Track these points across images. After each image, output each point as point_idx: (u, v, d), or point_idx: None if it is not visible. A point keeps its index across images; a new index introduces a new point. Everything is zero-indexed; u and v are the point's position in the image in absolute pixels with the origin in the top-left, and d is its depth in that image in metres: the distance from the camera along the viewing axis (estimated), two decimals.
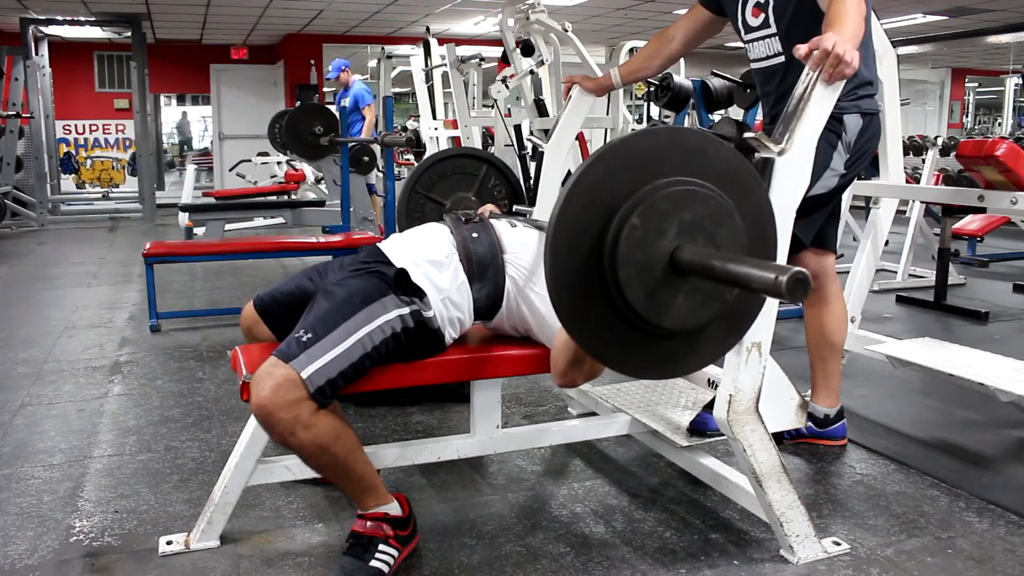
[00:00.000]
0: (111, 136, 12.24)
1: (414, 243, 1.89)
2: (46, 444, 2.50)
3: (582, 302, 1.29)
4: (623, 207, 1.26)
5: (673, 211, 1.28)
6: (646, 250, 1.26)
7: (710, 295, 1.34)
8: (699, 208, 1.30)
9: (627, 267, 1.26)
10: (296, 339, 1.63)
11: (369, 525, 1.72)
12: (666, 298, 1.30)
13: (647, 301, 1.28)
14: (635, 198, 1.26)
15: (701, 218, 1.30)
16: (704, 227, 1.30)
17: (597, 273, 1.28)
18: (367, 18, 10.05)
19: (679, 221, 1.28)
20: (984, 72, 16.48)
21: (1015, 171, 2.78)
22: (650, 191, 1.27)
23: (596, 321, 1.31)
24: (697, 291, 1.32)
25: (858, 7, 1.76)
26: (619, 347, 1.35)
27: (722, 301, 1.35)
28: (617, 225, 1.26)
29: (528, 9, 4.50)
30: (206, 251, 4.47)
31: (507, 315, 1.88)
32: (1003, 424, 2.67)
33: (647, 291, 1.28)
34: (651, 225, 1.26)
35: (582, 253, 1.27)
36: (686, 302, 1.31)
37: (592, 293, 1.29)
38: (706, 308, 1.34)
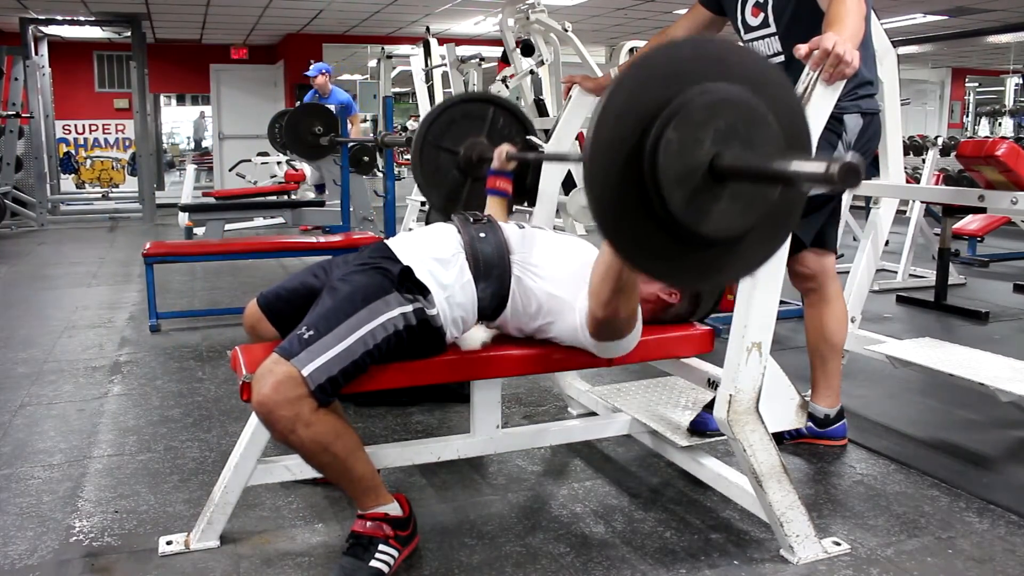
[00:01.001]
0: (111, 136, 12.24)
1: (421, 241, 1.89)
2: (46, 444, 2.50)
3: (626, 219, 1.28)
4: (657, 121, 1.25)
5: (708, 120, 1.27)
6: (685, 161, 1.25)
7: (752, 200, 1.32)
8: (733, 114, 1.28)
9: (668, 180, 1.24)
10: (298, 336, 1.63)
11: (369, 525, 1.72)
12: (708, 206, 1.28)
13: (690, 211, 1.27)
14: (668, 111, 1.25)
15: (736, 124, 1.28)
16: (739, 132, 1.28)
17: (637, 189, 1.27)
18: (367, 18, 10.05)
19: (714, 129, 1.27)
20: (984, 72, 16.48)
21: (1015, 171, 2.78)
22: (681, 102, 1.26)
23: (641, 236, 1.30)
24: (738, 197, 1.30)
25: (858, 7, 1.76)
26: (664, 259, 1.34)
27: (765, 203, 1.34)
28: (653, 140, 1.25)
29: (528, 9, 4.51)
30: (206, 251, 4.47)
31: (512, 315, 1.88)
32: (1003, 424, 2.67)
33: (689, 202, 1.27)
34: (687, 136, 1.25)
35: (620, 172, 1.26)
36: (728, 208, 1.30)
37: (635, 209, 1.28)
38: (749, 213, 1.33)
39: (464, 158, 2.49)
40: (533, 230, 1.96)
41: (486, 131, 2.51)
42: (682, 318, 2.09)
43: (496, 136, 2.50)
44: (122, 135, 12.18)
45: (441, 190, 2.52)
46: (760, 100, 1.31)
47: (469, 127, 2.51)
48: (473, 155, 2.47)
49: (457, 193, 2.52)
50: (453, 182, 2.52)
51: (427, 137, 2.47)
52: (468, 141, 2.48)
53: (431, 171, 2.50)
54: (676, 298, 2.04)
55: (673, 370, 2.23)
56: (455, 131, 2.49)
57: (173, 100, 15.72)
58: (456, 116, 2.51)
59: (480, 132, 2.51)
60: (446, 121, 2.49)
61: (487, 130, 2.51)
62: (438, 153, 2.49)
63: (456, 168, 2.51)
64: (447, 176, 2.51)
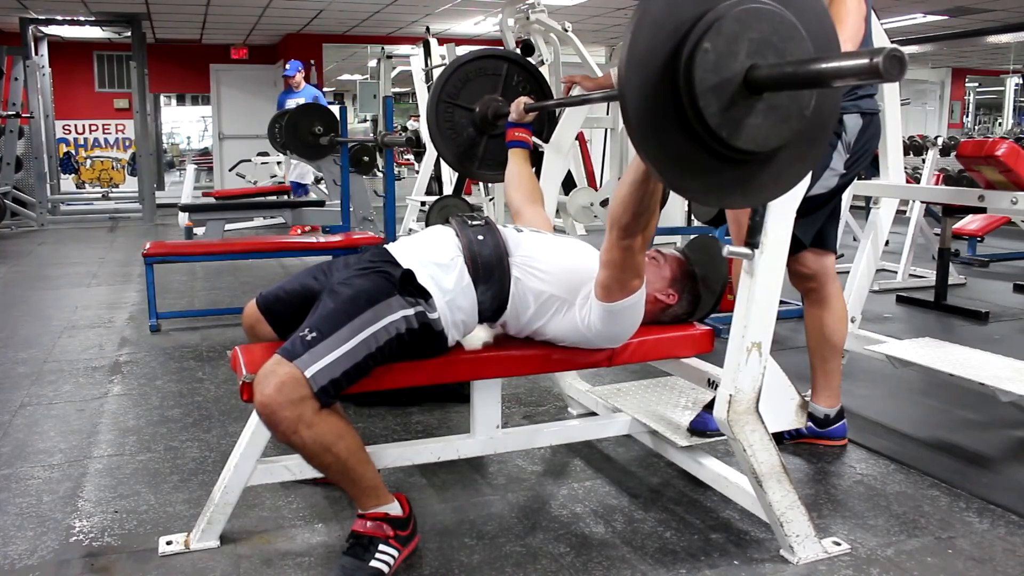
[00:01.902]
0: (111, 136, 12.23)
1: (421, 245, 1.89)
2: (46, 444, 2.50)
3: (660, 131, 1.28)
4: (691, 34, 1.25)
5: (741, 31, 1.27)
6: (720, 73, 1.25)
7: (788, 112, 1.32)
8: (765, 25, 1.28)
9: (704, 92, 1.24)
10: (301, 338, 1.63)
11: (369, 525, 1.72)
12: (744, 118, 1.28)
13: (727, 124, 1.27)
14: (703, 22, 1.25)
15: (769, 35, 1.29)
16: (773, 43, 1.29)
17: (673, 100, 1.27)
18: (367, 18, 10.05)
19: (748, 40, 1.27)
20: (984, 72, 16.48)
21: (1015, 171, 2.79)
22: (715, 14, 1.26)
23: (674, 149, 1.29)
24: (775, 108, 1.30)
25: (858, 7, 1.76)
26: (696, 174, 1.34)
27: (800, 117, 1.34)
28: (689, 51, 1.25)
29: (528, 9, 4.51)
30: (206, 251, 4.47)
31: (512, 316, 1.88)
32: (1003, 424, 2.67)
33: (726, 114, 1.26)
34: (722, 48, 1.25)
35: (656, 81, 1.25)
36: (765, 120, 1.30)
37: (670, 121, 1.28)
38: (785, 126, 1.33)
39: (480, 115, 2.49)
40: (531, 232, 1.96)
41: (501, 88, 2.50)
42: (680, 319, 2.09)
43: (511, 93, 2.49)
44: (122, 135, 12.17)
45: (458, 148, 2.52)
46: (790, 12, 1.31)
47: (484, 84, 2.50)
48: (489, 112, 2.47)
49: (473, 150, 2.52)
50: (469, 139, 2.52)
51: (442, 95, 2.46)
52: (484, 98, 2.48)
53: (447, 128, 2.49)
54: (673, 299, 2.04)
55: (673, 370, 2.23)
56: (470, 88, 2.48)
57: (173, 100, 15.71)
58: (470, 73, 2.49)
59: (495, 89, 2.50)
60: (460, 78, 2.47)
61: (502, 87, 2.50)
62: (454, 110, 2.48)
63: (472, 125, 2.50)
64: (463, 134, 2.51)
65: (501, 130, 2.41)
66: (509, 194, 2.29)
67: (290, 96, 8.02)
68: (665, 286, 2.03)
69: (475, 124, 2.50)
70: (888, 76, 1.09)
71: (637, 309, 1.82)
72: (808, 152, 1.45)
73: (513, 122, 2.29)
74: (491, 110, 2.46)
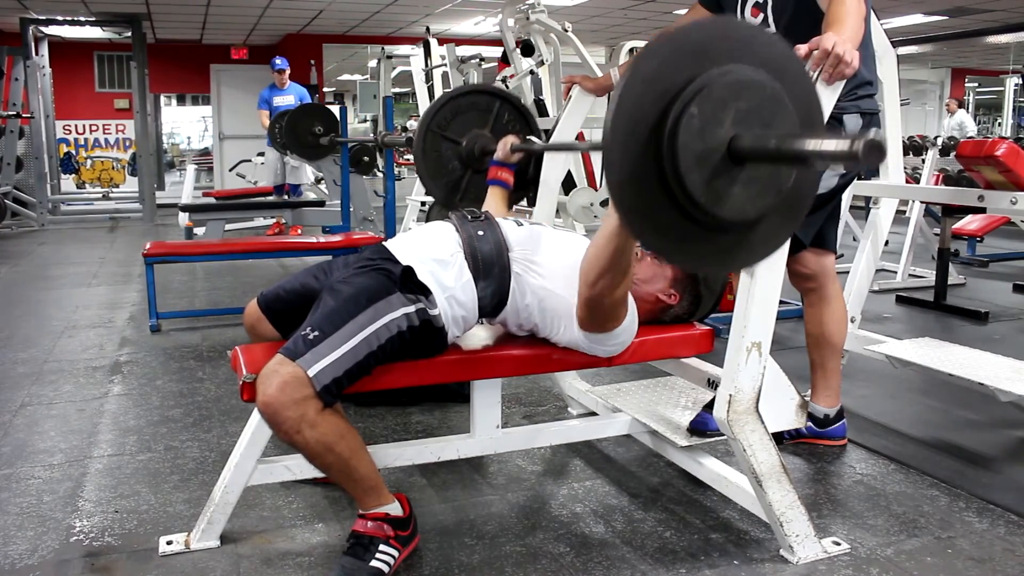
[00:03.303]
0: (111, 136, 12.23)
1: (420, 241, 1.89)
2: (46, 444, 2.50)
3: (640, 194, 1.28)
4: (680, 97, 1.26)
5: (729, 100, 1.27)
6: (705, 139, 1.26)
7: (768, 183, 1.33)
8: (754, 96, 1.29)
9: (687, 157, 1.25)
10: (303, 337, 1.63)
11: (370, 525, 1.72)
12: (724, 187, 1.29)
13: (707, 191, 1.27)
14: (692, 88, 1.26)
15: (757, 106, 1.29)
16: (760, 115, 1.29)
17: (655, 163, 1.27)
18: (367, 18, 10.05)
19: (735, 109, 1.28)
20: (984, 72, 16.48)
21: (1015, 171, 2.78)
22: (706, 80, 1.26)
23: (654, 213, 1.30)
24: (755, 179, 1.31)
25: (858, 7, 1.76)
26: (676, 240, 1.34)
27: (778, 190, 1.34)
28: (675, 115, 1.25)
29: (528, 9, 4.51)
30: (206, 251, 4.47)
31: (512, 312, 1.88)
32: (1003, 424, 2.67)
33: (707, 181, 1.27)
34: (708, 114, 1.25)
35: (640, 144, 1.25)
36: (744, 191, 1.30)
37: (650, 185, 1.28)
38: (763, 197, 1.33)
39: (467, 149, 2.49)
40: (532, 227, 1.96)
41: (490, 125, 2.51)
42: (681, 319, 2.09)
43: (500, 130, 2.49)
44: (122, 135, 12.17)
45: (441, 180, 2.52)
46: (780, 85, 1.31)
47: (474, 119, 2.51)
48: (476, 147, 2.47)
49: (457, 184, 2.52)
50: (454, 173, 2.52)
51: (431, 126, 2.47)
52: (472, 133, 2.48)
53: (433, 160, 2.49)
54: (675, 299, 2.04)
55: (673, 370, 2.23)
56: (459, 122, 2.49)
57: (173, 100, 15.71)
58: (462, 107, 2.50)
59: (484, 125, 2.51)
60: (451, 111, 2.48)
61: (491, 124, 2.51)
62: (441, 142, 2.48)
63: (458, 159, 2.51)
64: (448, 166, 2.52)
65: (486, 167, 2.40)
66: None
67: (275, 93, 7.92)
68: (667, 286, 2.03)
69: (461, 158, 2.51)
70: (866, 160, 1.11)
71: (626, 333, 1.84)
72: (784, 224, 1.46)
73: (498, 161, 2.28)
74: (478, 146, 2.47)
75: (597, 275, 1.65)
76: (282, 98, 7.79)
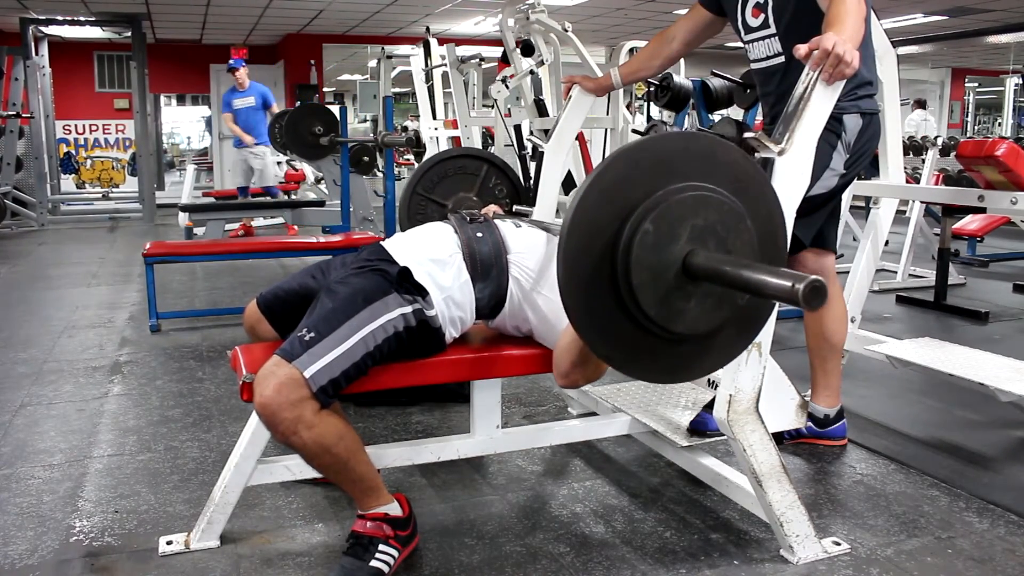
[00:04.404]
0: (111, 136, 12.24)
1: (418, 241, 1.89)
2: (46, 444, 2.50)
3: (594, 304, 1.29)
4: (636, 211, 1.27)
5: (686, 216, 1.28)
6: (659, 255, 1.27)
7: (722, 299, 1.34)
8: (712, 213, 1.30)
9: (640, 271, 1.26)
10: (299, 338, 1.63)
11: (369, 525, 1.72)
12: (678, 303, 1.30)
13: (660, 306, 1.29)
14: (648, 203, 1.27)
15: (714, 223, 1.30)
16: (716, 232, 1.30)
17: (610, 276, 1.29)
18: (367, 18, 10.05)
19: (692, 226, 1.29)
20: (984, 72, 16.48)
21: (1015, 171, 2.78)
22: (663, 196, 1.27)
23: (607, 324, 1.32)
24: (709, 295, 1.32)
25: (858, 7, 1.76)
26: (629, 350, 1.36)
27: (733, 305, 1.35)
28: (631, 229, 1.26)
29: (528, 9, 4.50)
30: (206, 251, 4.47)
31: (510, 315, 1.88)
32: (1003, 424, 2.67)
33: (660, 296, 1.28)
34: (664, 230, 1.26)
35: (595, 255, 1.27)
36: (698, 306, 1.32)
37: (604, 295, 1.30)
38: (717, 312, 1.35)
39: (451, 212, 2.51)
40: (531, 229, 1.96)
41: (477, 188, 2.54)
42: None
43: (487, 194, 2.53)
44: (122, 135, 12.18)
45: None
46: (740, 201, 1.33)
47: (461, 182, 2.55)
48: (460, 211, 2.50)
49: None
50: None
51: (417, 188, 2.51)
52: (457, 196, 2.51)
53: (418, 221, 2.54)
54: None
55: None
56: (446, 184, 2.53)
57: (173, 100, 15.71)
58: (449, 170, 2.54)
59: (471, 188, 2.54)
60: (439, 173, 2.53)
61: (478, 187, 2.54)
62: (427, 204, 2.52)
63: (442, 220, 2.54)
64: None
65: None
66: None
67: (235, 96, 7.66)
68: None
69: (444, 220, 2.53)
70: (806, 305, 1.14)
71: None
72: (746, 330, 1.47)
73: None
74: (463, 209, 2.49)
75: (569, 367, 1.73)
76: (242, 100, 7.60)
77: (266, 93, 7.72)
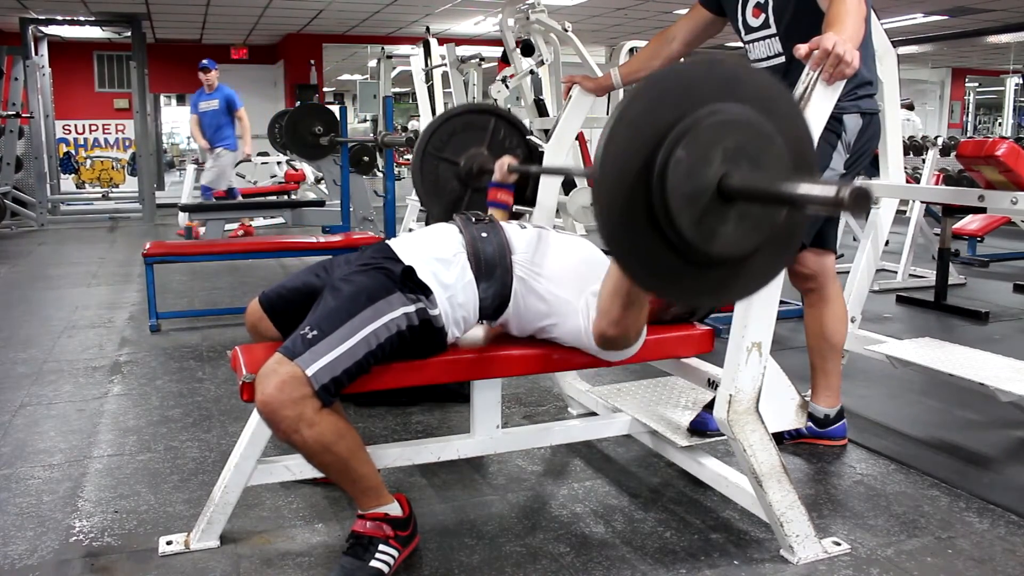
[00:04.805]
0: (111, 136, 12.24)
1: (423, 241, 1.89)
2: (46, 444, 2.50)
3: (633, 237, 1.29)
4: (667, 140, 1.26)
5: (717, 140, 1.28)
6: (694, 181, 1.26)
7: (759, 220, 1.33)
8: (741, 134, 1.29)
9: (677, 199, 1.25)
10: (301, 336, 1.63)
11: (369, 525, 1.72)
12: (716, 226, 1.29)
13: (698, 230, 1.28)
14: (678, 130, 1.26)
15: (744, 144, 1.29)
16: (748, 153, 1.29)
17: (646, 207, 1.28)
18: (367, 18, 10.05)
19: (723, 149, 1.28)
20: (984, 72, 16.49)
21: (1015, 171, 2.79)
22: (691, 123, 1.26)
23: (648, 255, 1.31)
24: (746, 217, 1.31)
25: (858, 7, 1.76)
26: (670, 278, 1.35)
27: (772, 224, 1.35)
28: (663, 159, 1.25)
29: (528, 9, 4.51)
30: (206, 251, 4.47)
31: (514, 315, 1.88)
32: (1003, 424, 2.67)
33: (697, 221, 1.28)
34: (697, 156, 1.26)
35: (629, 187, 1.26)
36: (736, 229, 1.31)
37: (643, 227, 1.29)
38: (755, 233, 1.34)
39: (465, 169, 2.50)
40: (535, 230, 1.96)
41: (487, 142, 2.52)
42: (682, 318, 2.09)
43: (497, 147, 2.50)
44: (122, 135, 12.19)
45: (441, 201, 2.53)
46: (768, 121, 1.32)
47: (470, 138, 2.52)
48: (474, 167, 2.48)
49: (457, 204, 2.53)
50: (453, 193, 2.53)
51: (428, 148, 2.48)
52: (469, 152, 2.49)
53: (431, 182, 2.51)
54: None
55: (673, 370, 2.23)
56: (456, 142, 2.50)
57: (173, 100, 15.71)
58: (457, 127, 2.51)
59: (481, 143, 2.52)
60: (447, 132, 2.49)
61: (488, 141, 2.52)
62: (438, 164, 2.49)
63: (456, 179, 2.52)
64: (447, 187, 2.52)
65: (484, 185, 2.40)
66: None
67: (201, 98, 7.56)
68: None
69: (459, 178, 2.51)
70: (852, 211, 1.11)
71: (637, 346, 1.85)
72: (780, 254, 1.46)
73: (496, 182, 2.28)
74: (476, 164, 2.48)
75: (619, 313, 1.67)
76: (207, 103, 7.47)
77: (231, 96, 7.56)
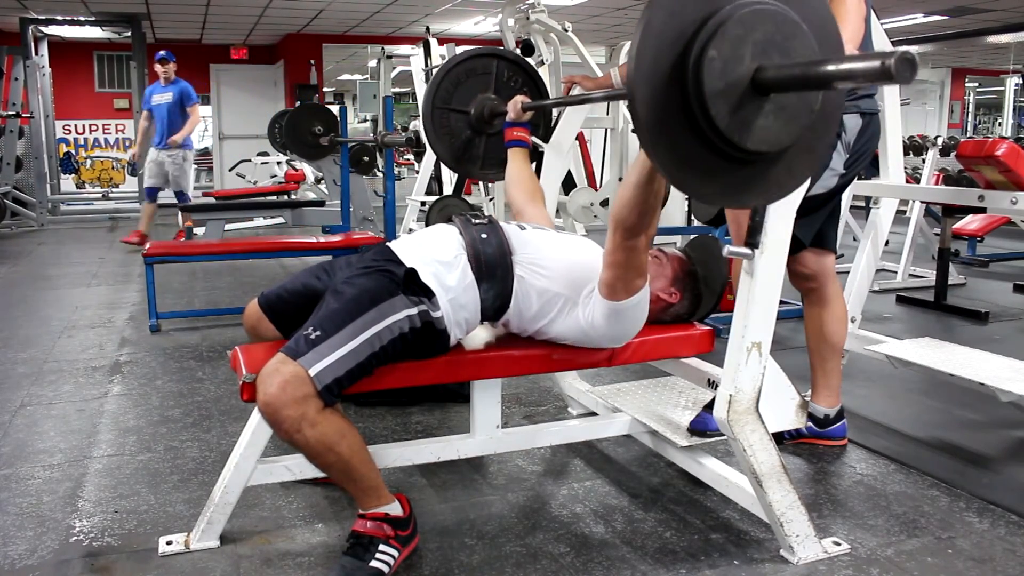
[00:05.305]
0: (111, 136, 12.24)
1: (424, 243, 1.89)
2: (46, 444, 2.50)
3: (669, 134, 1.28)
4: (696, 40, 1.26)
5: (745, 34, 1.27)
6: (727, 77, 1.26)
7: (796, 111, 1.33)
8: (769, 25, 1.29)
9: (713, 97, 1.25)
10: (305, 336, 1.63)
11: (370, 525, 1.72)
12: (753, 120, 1.29)
13: (735, 125, 1.27)
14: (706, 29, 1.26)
15: (773, 34, 1.29)
16: (777, 43, 1.29)
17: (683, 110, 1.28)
18: (367, 18, 10.05)
19: (753, 42, 1.28)
20: (984, 72, 16.48)
21: (1015, 171, 2.79)
22: (720, 19, 1.26)
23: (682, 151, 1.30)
24: (781, 110, 1.31)
25: (858, 7, 1.76)
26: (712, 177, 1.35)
27: (808, 116, 1.34)
28: (695, 58, 1.25)
29: (528, 9, 4.51)
30: (206, 251, 4.47)
31: (515, 315, 1.88)
32: (1003, 424, 2.67)
33: (735, 116, 1.27)
34: (728, 53, 1.26)
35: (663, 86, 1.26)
36: (774, 121, 1.31)
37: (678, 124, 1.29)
38: (793, 124, 1.33)
39: (475, 116, 2.47)
40: (535, 230, 1.97)
41: (493, 86, 2.49)
42: (682, 318, 2.09)
43: (504, 89, 2.47)
44: (122, 135, 12.18)
45: (457, 151, 2.50)
46: (791, 8, 1.31)
47: (476, 84, 2.48)
48: (484, 112, 2.46)
49: (472, 152, 2.51)
50: (468, 142, 2.50)
51: (435, 102, 2.45)
52: (477, 99, 2.47)
53: (445, 135, 2.47)
54: (676, 298, 2.04)
55: (673, 370, 2.23)
56: (462, 91, 2.46)
57: None
58: (460, 76, 2.48)
59: (487, 88, 2.49)
60: (451, 83, 2.46)
61: (494, 85, 2.49)
62: (448, 116, 2.47)
63: (469, 127, 2.49)
64: (461, 137, 2.50)
65: (498, 128, 2.41)
66: (510, 193, 2.29)
67: (155, 91, 7.03)
68: (667, 285, 2.04)
69: (471, 126, 2.49)
70: (900, 79, 1.09)
71: (642, 307, 1.82)
72: (817, 145, 1.45)
73: (511, 121, 2.29)
74: (486, 109, 2.45)
75: (636, 217, 1.61)
76: (161, 96, 7.01)
77: (186, 89, 7.10)
